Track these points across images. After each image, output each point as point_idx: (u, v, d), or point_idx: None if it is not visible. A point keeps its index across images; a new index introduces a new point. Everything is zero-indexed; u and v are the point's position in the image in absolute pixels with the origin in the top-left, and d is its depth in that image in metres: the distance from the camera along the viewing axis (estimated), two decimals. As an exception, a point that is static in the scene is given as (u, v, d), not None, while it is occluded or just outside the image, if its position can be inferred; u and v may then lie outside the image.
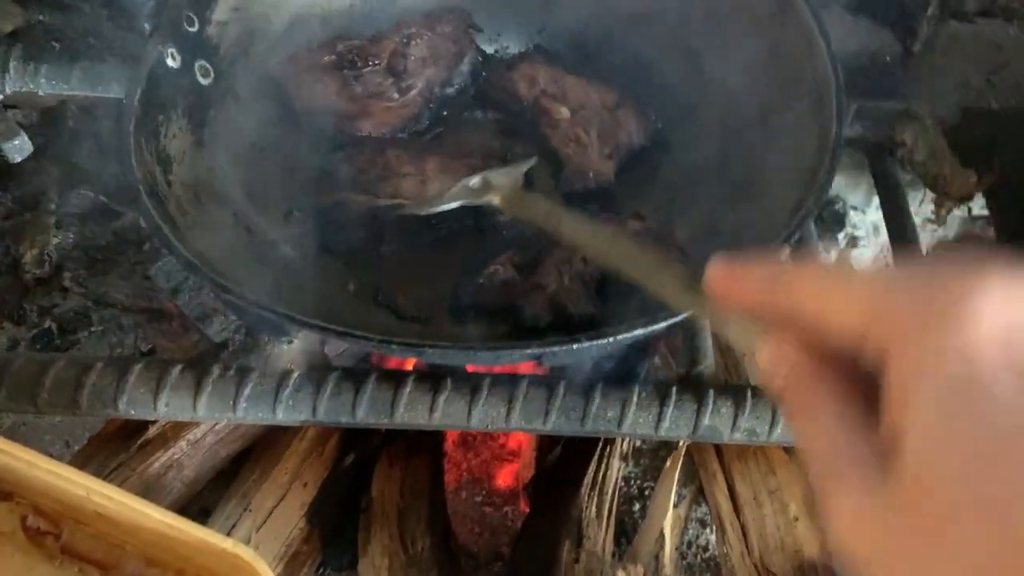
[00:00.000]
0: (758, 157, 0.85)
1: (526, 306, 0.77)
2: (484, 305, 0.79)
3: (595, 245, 0.59)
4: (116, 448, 0.87)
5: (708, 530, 1.01)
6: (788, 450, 0.90)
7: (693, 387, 0.80)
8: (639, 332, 0.67)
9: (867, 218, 1.25)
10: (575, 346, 0.66)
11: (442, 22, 0.98)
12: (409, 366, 0.90)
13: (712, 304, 0.40)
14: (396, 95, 0.95)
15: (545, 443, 1.03)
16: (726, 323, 0.40)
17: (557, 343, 0.66)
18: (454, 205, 0.69)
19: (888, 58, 1.12)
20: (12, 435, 1.00)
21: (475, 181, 0.64)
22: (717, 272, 0.38)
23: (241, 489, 0.91)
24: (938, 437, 0.28)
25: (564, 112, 0.95)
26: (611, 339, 0.66)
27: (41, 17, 1.05)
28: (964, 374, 0.28)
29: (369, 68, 0.95)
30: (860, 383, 0.33)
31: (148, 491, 0.84)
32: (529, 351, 0.67)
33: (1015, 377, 0.28)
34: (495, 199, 0.67)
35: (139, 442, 0.87)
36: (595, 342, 0.66)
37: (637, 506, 1.03)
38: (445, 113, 0.98)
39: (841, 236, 1.24)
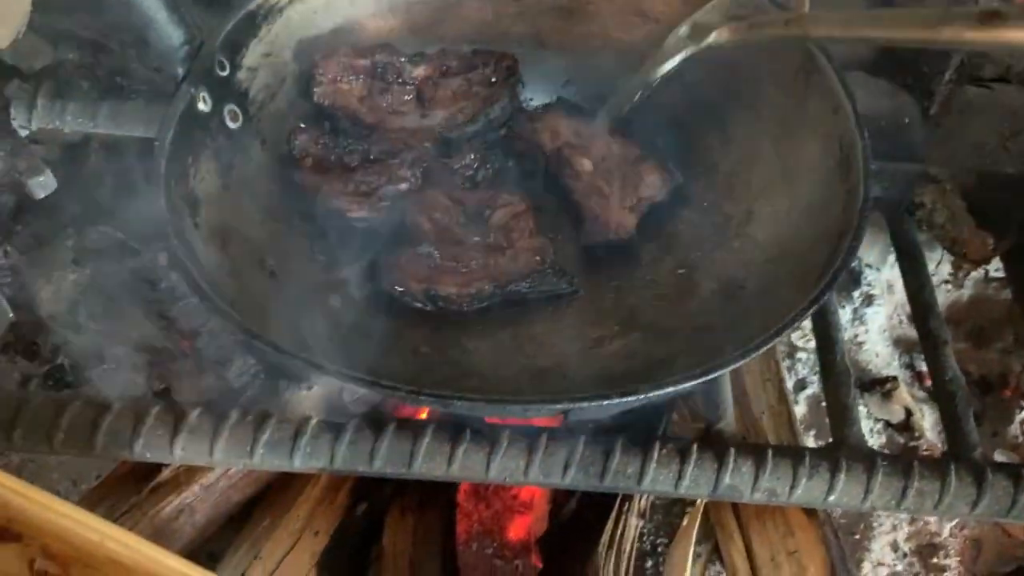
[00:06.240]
0: (783, 216, 0.86)
1: None
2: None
3: (856, 30, 0.57)
4: (128, 491, 0.86)
5: (723, 589, 1.00)
6: (808, 512, 0.89)
7: (713, 445, 0.79)
8: (669, 390, 0.66)
9: (882, 276, 1.25)
10: (604, 402, 0.65)
11: (487, 64, 0.98)
12: (423, 414, 0.89)
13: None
14: (416, 119, 0.95)
15: (559, 497, 1.01)
16: None
17: (586, 398, 0.66)
18: (677, 60, 0.64)
19: (907, 119, 1.13)
20: (20, 472, 0.98)
21: (683, 29, 0.59)
22: None
23: (252, 536, 0.90)
24: None
25: (586, 164, 0.95)
26: (640, 396, 0.66)
27: (71, 55, 1.06)
28: None
29: (398, 85, 0.95)
30: None
31: (159, 535, 0.82)
32: (558, 405, 0.67)
33: None
34: (719, 37, 0.62)
35: (151, 485, 0.86)
36: (624, 399, 0.66)
37: (650, 563, 1.01)
38: (461, 150, 0.96)
39: (856, 294, 1.24)
